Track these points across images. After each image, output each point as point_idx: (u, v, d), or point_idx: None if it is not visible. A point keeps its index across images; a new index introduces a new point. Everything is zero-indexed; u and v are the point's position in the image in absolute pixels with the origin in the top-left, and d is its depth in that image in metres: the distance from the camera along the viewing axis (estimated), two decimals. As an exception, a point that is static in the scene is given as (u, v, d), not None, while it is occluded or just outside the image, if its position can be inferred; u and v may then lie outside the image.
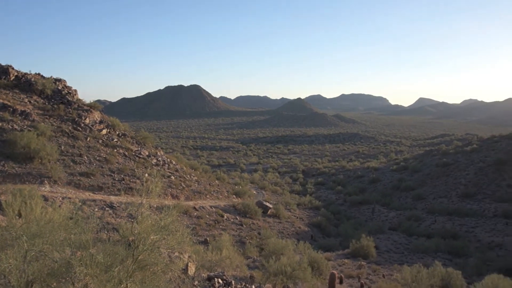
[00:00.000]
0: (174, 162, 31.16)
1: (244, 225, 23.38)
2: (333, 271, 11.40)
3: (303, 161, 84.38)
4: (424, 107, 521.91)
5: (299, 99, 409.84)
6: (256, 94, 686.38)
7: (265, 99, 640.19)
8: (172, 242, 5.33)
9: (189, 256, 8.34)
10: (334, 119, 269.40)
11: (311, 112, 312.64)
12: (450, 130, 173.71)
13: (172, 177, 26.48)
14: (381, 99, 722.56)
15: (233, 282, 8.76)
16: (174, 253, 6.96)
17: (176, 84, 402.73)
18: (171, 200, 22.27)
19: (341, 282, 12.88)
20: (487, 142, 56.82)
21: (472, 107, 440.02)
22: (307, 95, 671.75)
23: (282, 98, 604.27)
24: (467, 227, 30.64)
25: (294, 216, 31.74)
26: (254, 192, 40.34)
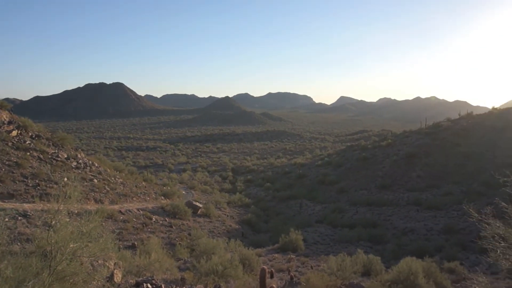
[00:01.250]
0: (96, 164, 29.35)
1: (173, 227, 22.81)
2: (264, 266, 11.59)
3: (232, 159, 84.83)
4: (345, 105, 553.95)
5: (227, 97, 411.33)
6: (184, 93, 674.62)
7: (193, 97, 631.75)
8: (94, 249, 4.98)
9: (115, 262, 7.87)
10: (262, 117, 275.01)
11: (240, 110, 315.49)
12: (368, 127, 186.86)
13: (95, 180, 24.91)
14: (306, 98, 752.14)
15: (163, 285, 8.48)
16: (97, 261, 6.51)
17: (97, 81, 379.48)
18: (94, 204, 20.91)
19: (271, 277, 13.14)
20: (399, 137, 62.11)
21: (386, 105, 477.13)
22: (235, 94, 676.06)
23: (210, 96, 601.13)
24: (384, 216, 33.19)
25: (225, 214, 31.75)
26: (183, 192, 39.61)
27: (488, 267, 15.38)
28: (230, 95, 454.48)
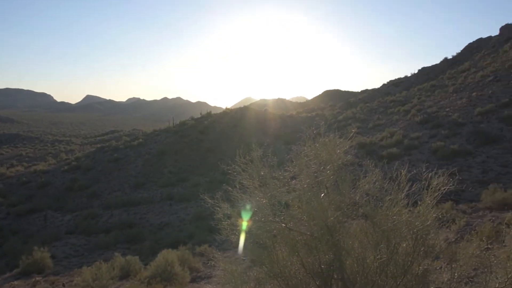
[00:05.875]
0: None
1: None
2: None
3: None
4: (92, 104, 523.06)
5: None
6: None
7: None
8: None
9: None
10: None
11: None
12: (118, 126, 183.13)
13: None
14: (44, 96, 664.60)
15: None
16: None
17: None
18: None
19: (11, 309, 10.99)
20: (150, 136, 64.02)
21: (136, 105, 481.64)
22: None
23: None
24: (140, 214, 33.52)
25: None
26: None
27: (231, 243, 17.99)
28: None
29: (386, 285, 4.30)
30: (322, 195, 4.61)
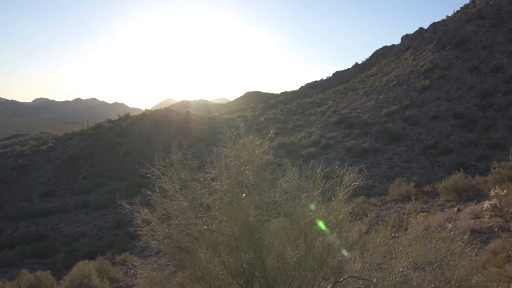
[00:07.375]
0: None
1: None
2: None
3: None
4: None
5: None
6: None
7: None
8: None
9: None
10: None
11: None
12: (24, 130, 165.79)
13: None
14: None
15: None
16: None
17: None
18: None
19: None
20: (62, 140, 59.18)
21: (44, 106, 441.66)
22: None
23: None
24: (51, 225, 30.86)
25: None
26: None
27: (152, 249, 17.41)
28: None
29: (304, 279, 4.51)
30: (244, 195, 4.68)
